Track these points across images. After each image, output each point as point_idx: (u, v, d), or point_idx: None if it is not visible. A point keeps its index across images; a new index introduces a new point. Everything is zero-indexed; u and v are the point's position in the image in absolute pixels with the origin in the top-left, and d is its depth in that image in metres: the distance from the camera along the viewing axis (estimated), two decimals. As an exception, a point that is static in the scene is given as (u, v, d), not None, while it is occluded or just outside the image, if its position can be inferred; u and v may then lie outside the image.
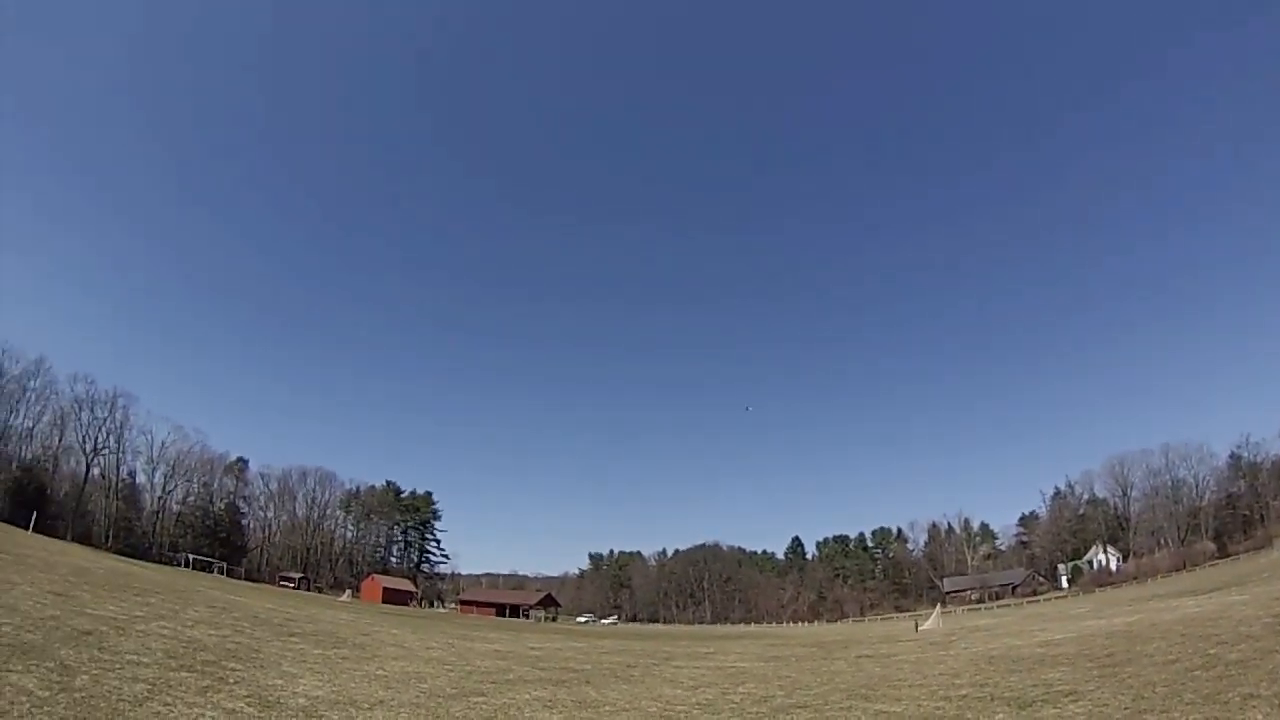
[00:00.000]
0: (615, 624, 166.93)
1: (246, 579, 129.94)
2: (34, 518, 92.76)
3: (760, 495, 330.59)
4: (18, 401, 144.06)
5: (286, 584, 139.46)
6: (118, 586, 35.89)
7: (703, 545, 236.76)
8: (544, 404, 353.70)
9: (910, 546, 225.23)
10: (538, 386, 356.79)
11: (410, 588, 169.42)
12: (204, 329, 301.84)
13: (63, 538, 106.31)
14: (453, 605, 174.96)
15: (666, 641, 58.37)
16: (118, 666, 15.36)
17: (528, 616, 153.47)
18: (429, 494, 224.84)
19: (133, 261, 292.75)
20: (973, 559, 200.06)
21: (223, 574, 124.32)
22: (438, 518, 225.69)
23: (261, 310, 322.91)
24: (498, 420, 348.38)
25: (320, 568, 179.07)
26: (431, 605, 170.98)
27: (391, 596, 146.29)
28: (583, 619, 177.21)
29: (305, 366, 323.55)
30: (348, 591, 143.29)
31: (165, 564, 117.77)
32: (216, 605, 36.22)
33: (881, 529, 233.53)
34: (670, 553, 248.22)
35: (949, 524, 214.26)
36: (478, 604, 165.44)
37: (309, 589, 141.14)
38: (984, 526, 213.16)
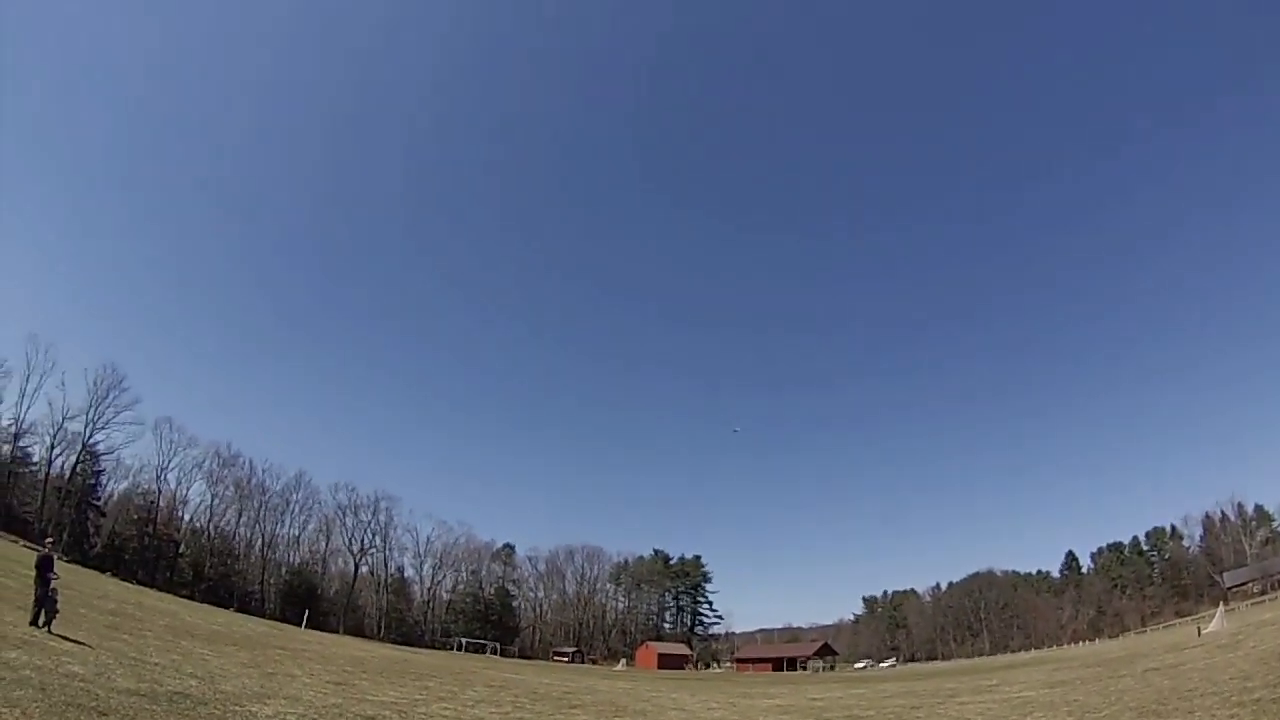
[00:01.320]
0: (894, 666, 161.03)
1: (520, 657, 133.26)
2: (306, 615, 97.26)
3: (1030, 511, 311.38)
4: (282, 513, 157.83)
5: (560, 658, 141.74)
6: (395, 673, 36.45)
7: (976, 574, 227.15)
8: (799, 450, 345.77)
9: (1186, 543, 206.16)
10: (790, 434, 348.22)
11: (685, 651, 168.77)
12: (465, 426, 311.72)
13: (335, 632, 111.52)
14: (729, 664, 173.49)
15: (948, 678, 55.42)
16: None
17: (805, 668, 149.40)
18: (697, 558, 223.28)
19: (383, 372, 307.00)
20: (1250, 546, 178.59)
21: (496, 654, 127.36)
22: (708, 580, 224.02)
23: (522, 403, 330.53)
24: (756, 474, 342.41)
25: (593, 640, 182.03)
26: (708, 666, 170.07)
27: (667, 661, 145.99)
28: (860, 665, 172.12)
29: (565, 452, 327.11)
30: (622, 660, 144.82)
31: (439, 649, 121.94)
32: (494, 684, 36.40)
33: (1155, 529, 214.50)
34: (944, 586, 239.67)
35: (1222, 512, 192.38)
36: (754, 660, 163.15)
37: (583, 661, 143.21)
38: (1259, 509, 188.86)
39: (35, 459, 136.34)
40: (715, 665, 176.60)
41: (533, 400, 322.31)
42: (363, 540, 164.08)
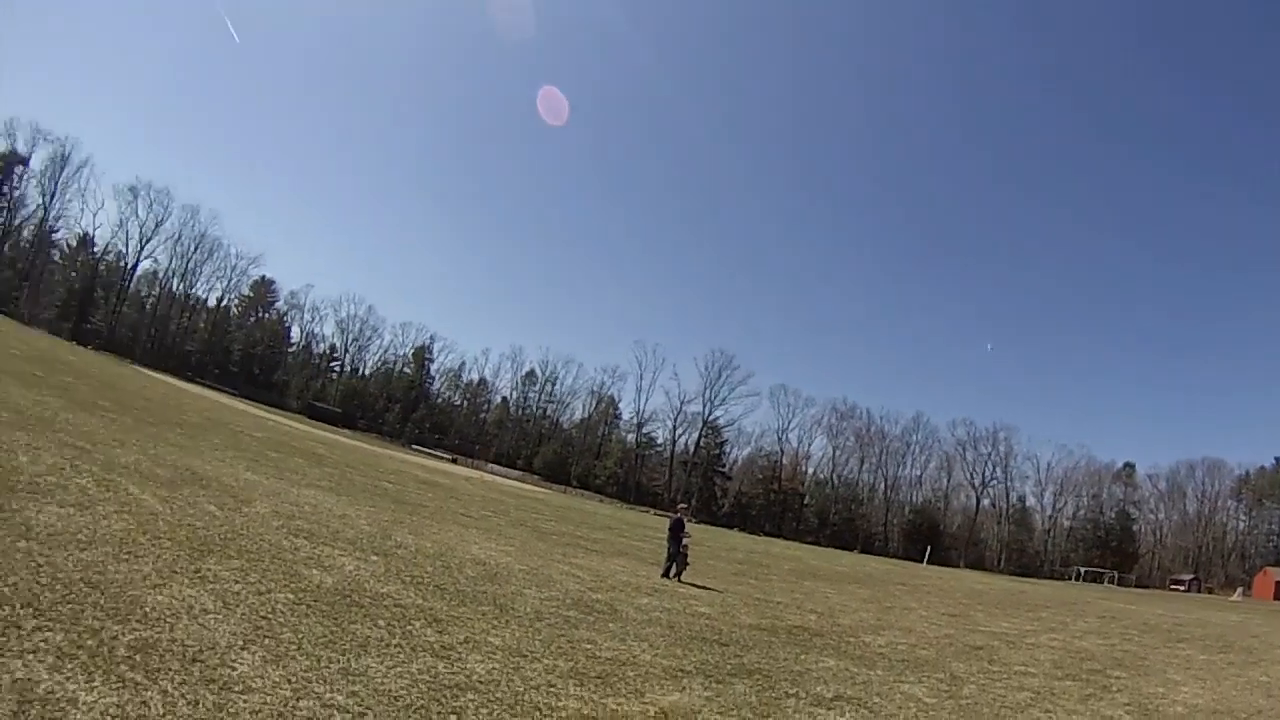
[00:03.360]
0: None
1: (1137, 586, 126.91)
2: (928, 551, 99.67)
3: None
4: (903, 456, 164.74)
5: (1177, 587, 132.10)
6: (1010, 605, 36.93)
7: None
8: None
9: None
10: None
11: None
12: (1075, 342, 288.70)
13: (956, 566, 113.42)
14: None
15: None
16: (1004, 677, 15.72)
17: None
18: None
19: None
20: None
21: (1113, 584, 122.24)
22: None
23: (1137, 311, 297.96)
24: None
25: (1211, 565, 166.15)
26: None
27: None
28: None
29: (1180, 352, 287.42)
30: (1239, 589, 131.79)
31: (1057, 580, 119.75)
32: (1106, 615, 35.65)
33: None
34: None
35: None
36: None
37: (1199, 590, 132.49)
38: None
39: (660, 441, 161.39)
40: None
41: (1143, 304, 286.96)
42: (984, 473, 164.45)
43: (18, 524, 9.78)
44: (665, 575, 24.69)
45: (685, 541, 25.51)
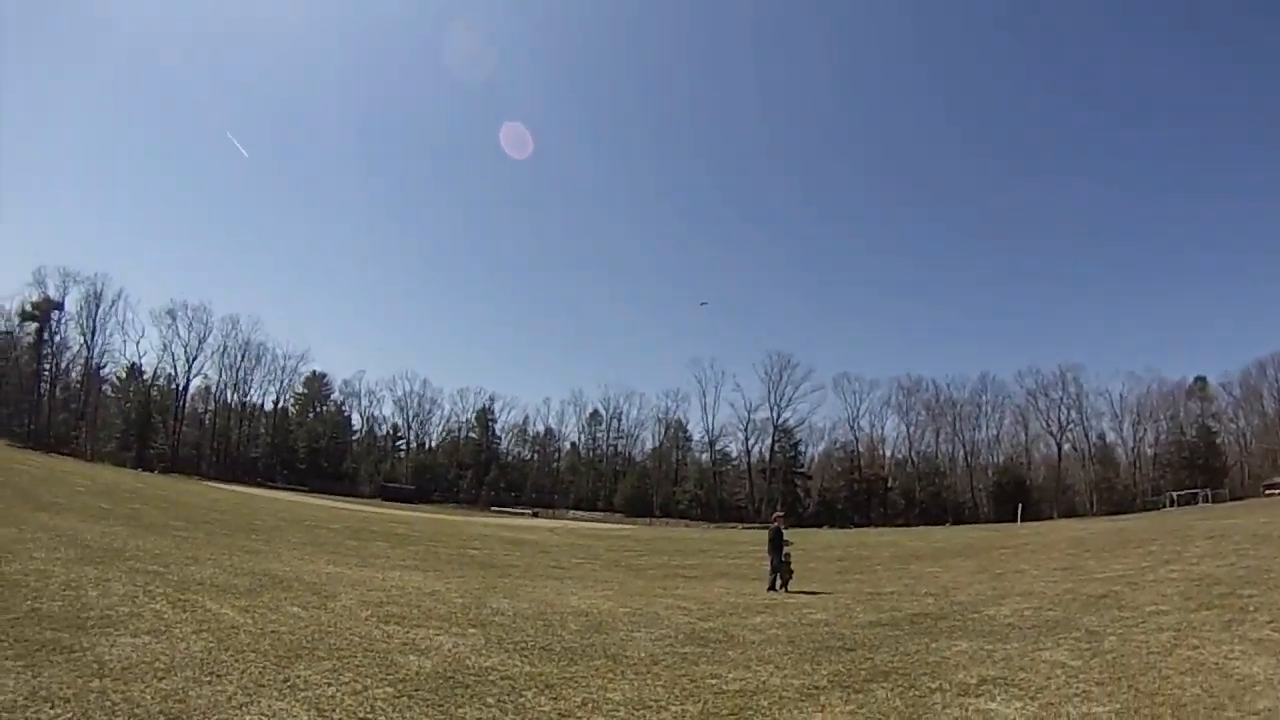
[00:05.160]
0: None
1: (1232, 499, 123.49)
2: (1020, 509, 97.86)
3: None
4: (977, 419, 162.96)
5: (1272, 492, 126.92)
6: (1116, 545, 35.99)
7: None
8: None
9: None
10: None
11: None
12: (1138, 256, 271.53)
13: (1049, 518, 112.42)
14: None
15: None
16: (1139, 621, 15.37)
17: None
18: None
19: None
20: None
21: (1208, 502, 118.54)
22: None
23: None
24: None
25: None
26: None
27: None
28: None
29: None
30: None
31: (1151, 510, 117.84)
32: (1214, 535, 34.49)
33: None
34: None
35: None
36: None
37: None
38: None
39: (734, 454, 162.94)
40: None
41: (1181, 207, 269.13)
42: (1060, 418, 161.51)
43: (89, 662, 9.50)
44: (771, 588, 24.22)
45: (786, 550, 25.00)
